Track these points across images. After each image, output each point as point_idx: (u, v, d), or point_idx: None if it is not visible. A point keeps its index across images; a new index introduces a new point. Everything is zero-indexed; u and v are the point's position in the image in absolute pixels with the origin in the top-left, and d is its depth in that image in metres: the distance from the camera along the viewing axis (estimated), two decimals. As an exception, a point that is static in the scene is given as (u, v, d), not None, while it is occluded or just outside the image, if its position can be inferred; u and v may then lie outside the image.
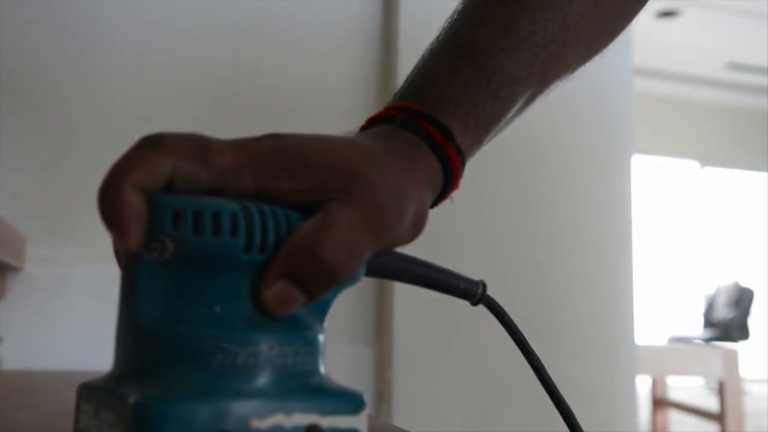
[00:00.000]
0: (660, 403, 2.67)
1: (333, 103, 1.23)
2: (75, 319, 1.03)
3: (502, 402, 1.22)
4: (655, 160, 6.70)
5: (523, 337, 0.39)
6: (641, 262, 1.40)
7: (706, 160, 7.03)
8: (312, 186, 0.31)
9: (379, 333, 1.22)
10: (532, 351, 0.39)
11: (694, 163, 7.04)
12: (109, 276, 1.03)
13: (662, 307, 6.35)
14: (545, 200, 1.30)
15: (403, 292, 1.18)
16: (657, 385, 2.70)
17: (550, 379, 0.40)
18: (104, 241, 1.09)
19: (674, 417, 3.05)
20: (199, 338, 0.28)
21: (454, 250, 1.21)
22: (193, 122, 1.10)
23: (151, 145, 0.29)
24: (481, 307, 0.40)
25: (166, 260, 0.29)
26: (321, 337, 0.31)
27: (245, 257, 0.29)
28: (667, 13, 4.97)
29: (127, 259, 0.30)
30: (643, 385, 3.00)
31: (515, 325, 0.39)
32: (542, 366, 0.40)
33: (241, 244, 0.29)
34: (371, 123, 0.38)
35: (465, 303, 0.39)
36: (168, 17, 1.16)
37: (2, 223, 0.79)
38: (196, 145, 0.30)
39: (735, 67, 6.19)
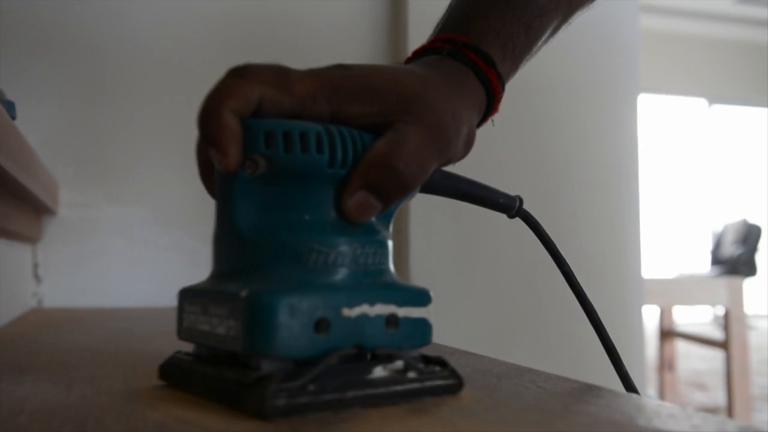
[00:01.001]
0: (667, 333, 2.76)
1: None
2: (107, 260, 1.09)
3: (515, 326, 1.29)
4: (663, 99, 6.66)
5: (555, 246, 0.44)
6: (650, 201, 1.44)
7: (714, 98, 6.98)
8: (379, 109, 0.35)
9: (398, 270, 1.28)
10: (563, 258, 0.45)
11: (702, 101, 6.99)
12: (138, 218, 1.11)
13: (671, 245, 6.39)
14: (554, 137, 1.34)
15: (419, 225, 1.23)
16: (665, 316, 2.78)
17: (578, 283, 0.45)
18: (131, 185, 1.16)
19: (681, 348, 3.13)
20: (295, 242, 0.32)
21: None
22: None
23: (241, 74, 0.33)
24: (502, 246, 0.45)
25: (259, 176, 0.33)
26: (390, 242, 0.36)
27: (329, 171, 0.34)
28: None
29: (224, 176, 0.34)
30: (651, 316, 3.08)
31: (548, 236, 0.44)
32: (572, 271, 0.45)
33: (325, 160, 0.33)
34: (418, 54, 0.43)
35: (484, 237, 0.45)
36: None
37: (40, 166, 0.84)
38: (279, 74, 0.34)
39: (745, 0, 6.10)
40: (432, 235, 1.23)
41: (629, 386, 0.44)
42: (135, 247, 1.11)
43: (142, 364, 0.45)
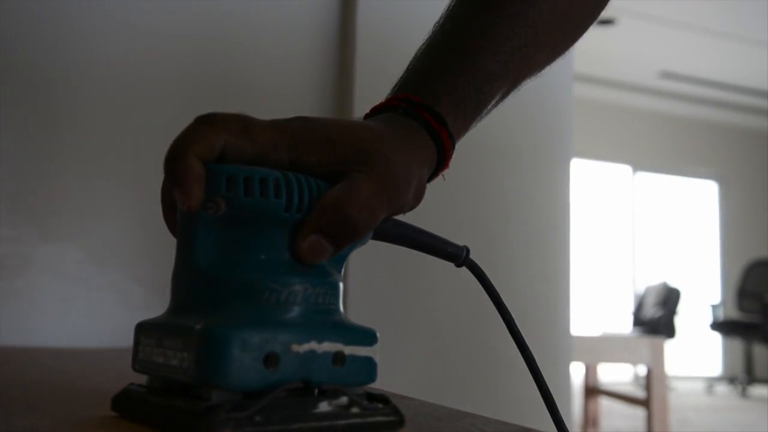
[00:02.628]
0: (592, 391, 2.82)
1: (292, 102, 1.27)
2: (37, 298, 1.04)
3: (453, 373, 1.30)
4: (590, 164, 6.92)
5: (498, 295, 0.47)
6: (576, 261, 1.49)
7: (638, 165, 7.28)
8: (336, 159, 0.38)
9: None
10: (505, 307, 0.47)
11: (627, 168, 7.28)
12: (70, 256, 1.08)
13: (595, 305, 6.56)
14: (491, 198, 1.37)
15: (359, 270, 1.24)
16: (589, 373, 2.85)
17: (519, 332, 0.48)
18: (65, 222, 1.13)
19: (604, 405, 3.20)
20: (250, 279, 0.34)
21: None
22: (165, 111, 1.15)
23: (208, 121, 0.36)
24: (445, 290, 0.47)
25: (219, 217, 0.35)
26: (341, 284, 0.38)
27: (285, 215, 0.36)
28: (605, 22, 5.14)
29: (186, 216, 0.36)
30: (576, 374, 3.14)
31: (493, 286, 0.47)
32: (513, 321, 0.48)
33: (282, 204, 0.35)
34: (376, 111, 0.46)
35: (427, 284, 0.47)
36: (146, 19, 1.19)
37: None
38: (243, 123, 0.36)
39: (667, 75, 6.44)
40: (372, 281, 1.24)
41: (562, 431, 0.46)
42: (66, 286, 1.08)
43: (80, 399, 0.45)
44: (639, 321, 6.02)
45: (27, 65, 1.11)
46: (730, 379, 6.57)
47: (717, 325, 6.31)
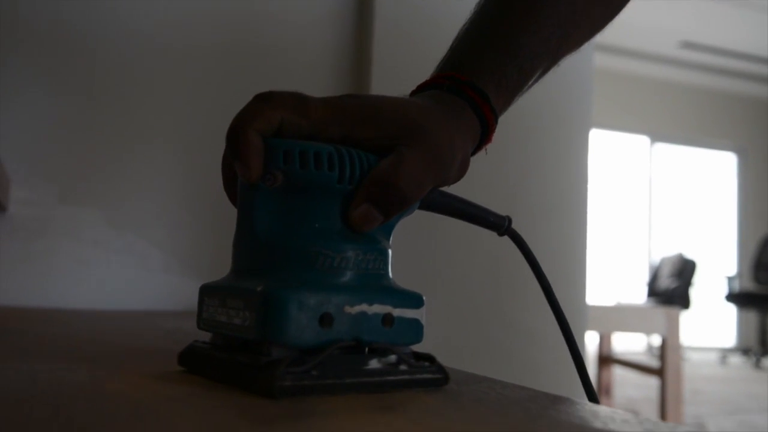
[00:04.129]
0: (606, 360, 2.83)
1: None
2: (55, 260, 1.06)
3: (477, 341, 1.31)
4: (608, 134, 6.86)
5: (539, 265, 0.49)
6: (592, 231, 1.49)
7: (656, 136, 7.21)
8: (385, 134, 0.40)
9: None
10: (544, 275, 0.50)
11: (645, 139, 7.22)
12: (89, 219, 1.09)
13: (610, 275, 6.55)
14: (510, 168, 1.38)
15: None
16: (603, 343, 2.85)
17: (556, 299, 0.50)
18: (85, 185, 1.14)
19: (618, 374, 3.21)
20: (305, 246, 0.37)
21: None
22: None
23: (266, 100, 0.38)
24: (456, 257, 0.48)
25: (277, 188, 0.38)
26: (390, 251, 0.41)
27: (338, 186, 0.38)
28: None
29: (246, 187, 0.39)
30: (591, 343, 3.15)
31: (533, 254, 0.49)
32: (551, 288, 0.50)
33: (335, 176, 0.38)
34: (421, 88, 0.48)
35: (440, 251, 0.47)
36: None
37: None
38: (298, 101, 0.39)
39: (688, 45, 6.35)
40: (408, 246, 1.25)
41: (593, 399, 0.48)
42: (85, 248, 1.09)
43: (139, 356, 0.48)
44: (654, 292, 6.02)
45: (49, 28, 1.11)
46: (744, 350, 6.57)
47: (732, 297, 6.30)
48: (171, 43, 1.18)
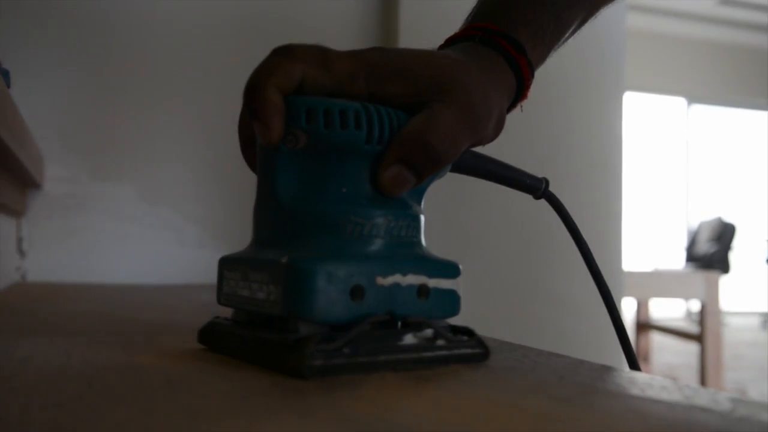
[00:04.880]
0: (643, 326, 2.80)
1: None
2: (91, 237, 1.08)
3: (513, 309, 1.31)
4: (643, 97, 6.72)
5: (577, 228, 0.46)
6: (629, 196, 1.47)
7: (694, 98, 7.05)
8: (415, 90, 0.37)
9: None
10: (583, 240, 0.46)
11: (681, 101, 7.06)
12: (124, 195, 1.10)
13: (648, 240, 6.47)
14: (540, 130, 1.36)
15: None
16: (641, 309, 2.83)
17: (596, 264, 0.47)
18: (118, 162, 1.15)
19: (656, 342, 3.18)
20: (333, 213, 0.34)
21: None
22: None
23: (285, 53, 0.35)
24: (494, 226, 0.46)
25: (300, 150, 0.35)
26: (422, 216, 0.38)
27: (366, 147, 0.35)
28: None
29: (267, 150, 0.35)
30: (628, 309, 3.13)
31: (571, 217, 0.46)
32: (591, 253, 0.47)
33: (363, 136, 0.35)
34: (451, 41, 0.44)
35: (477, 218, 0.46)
36: None
37: (29, 137, 0.83)
38: (320, 54, 0.35)
39: (726, 1, 6.16)
40: (435, 212, 1.24)
41: (634, 366, 0.46)
42: (120, 224, 1.11)
43: (163, 332, 0.46)
44: (692, 257, 5.92)
45: (77, 6, 1.11)
46: (785, 314, 6.46)
47: (773, 261, 6.17)
48: (198, 19, 1.17)
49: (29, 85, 1.07)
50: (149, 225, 1.12)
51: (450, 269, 0.37)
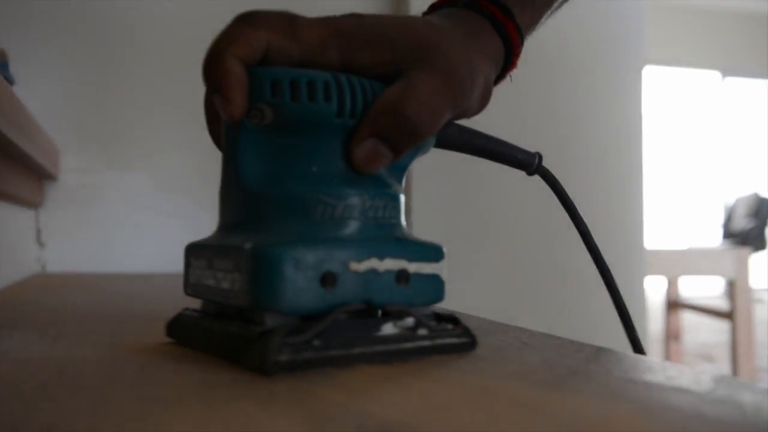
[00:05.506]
0: (674, 305, 2.76)
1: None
2: (109, 226, 1.09)
3: (519, 295, 1.29)
4: (676, 71, 6.58)
5: (574, 205, 0.43)
6: (665, 174, 1.44)
7: (728, 70, 6.88)
8: (392, 58, 0.34)
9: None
10: (580, 217, 0.43)
11: (716, 74, 6.90)
12: (139, 185, 1.11)
13: (684, 217, 6.37)
14: (556, 106, 1.33)
15: (421, 194, 1.23)
16: (671, 288, 2.78)
17: (595, 243, 0.44)
18: (133, 151, 1.16)
19: (691, 320, 3.14)
20: (301, 193, 0.31)
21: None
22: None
23: (247, 20, 0.32)
24: (502, 209, 0.44)
25: (265, 126, 0.32)
26: (402, 196, 0.35)
27: (337, 121, 0.32)
28: None
29: (230, 126, 0.33)
30: (658, 287, 3.08)
31: (567, 194, 0.43)
32: (589, 231, 0.43)
33: (333, 109, 0.32)
34: (434, 8, 0.41)
35: (483, 204, 0.44)
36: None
37: (40, 131, 0.84)
38: (287, 21, 0.33)
39: (761, -29, 5.99)
40: (435, 193, 1.23)
41: (638, 349, 0.43)
42: (136, 213, 1.12)
43: (143, 324, 0.45)
44: (729, 233, 5.82)
45: (103, 7, 1.12)
46: (823, 291, 6.31)
47: (812, 236, 6.03)
48: (209, 10, 1.16)
49: (42, 79, 1.08)
50: (165, 213, 1.12)
51: (432, 252, 0.34)
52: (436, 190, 1.24)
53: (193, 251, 0.35)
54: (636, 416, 0.23)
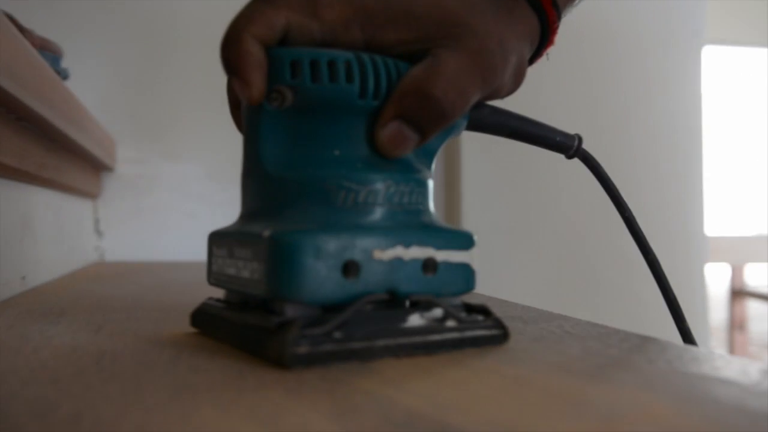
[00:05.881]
0: (738, 293, 2.67)
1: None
2: (164, 215, 1.12)
3: (571, 283, 1.27)
4: (738, 51, 6.34)
5: (617, 190, 0.41)
6: (729, 158, 1.39)
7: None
8: (418, 35, 0.32)
9: (449, 223, 1.28)
10: (624, 203, 0.41)
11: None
12: (192, 174, 1.12)
13: (749, 203, 6.16)
14: (609, 86, 1.29)
15: (470, 180, 1.22)
16: (735, 276, 2.69)
17: (640, 230, 0.41)
18: (186, 142, 1.18)
19: (753, 309, 3.03)
20: (322, 179, 0.30)
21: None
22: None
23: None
24: (550, 196, 0.42)
25: (286, 109, 0.31)
26: (431, 181, 0.33)
27: (360, 102, 0.31)
28: None
29: (250, 110, 0.32)
30: (721, 276, 2.98)
31: (609, 178, 0.41)
32: (633, 218, 0.41)
33: (356, 90, 0.31)
34: None
35: (533, 190, 0.43)
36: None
37: (93, 122, 0.86)
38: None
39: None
40: (484, 179, 1.22)
41: (688, 339, 0.41)
42: (190, 203, 1.14)
43: (182, 311, 0.45)
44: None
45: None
46: None
47: None
48: None
49: (98, 73, 1.10)
50: (218, 202, 1.14)
51: (462, 239, 0.32)
52: (485, 175, 1.23)
53: (215, 239, 0.34)
54: (673, 409, 0.22)
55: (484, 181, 1.22)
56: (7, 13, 0.63)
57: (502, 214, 1.24)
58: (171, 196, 1.13)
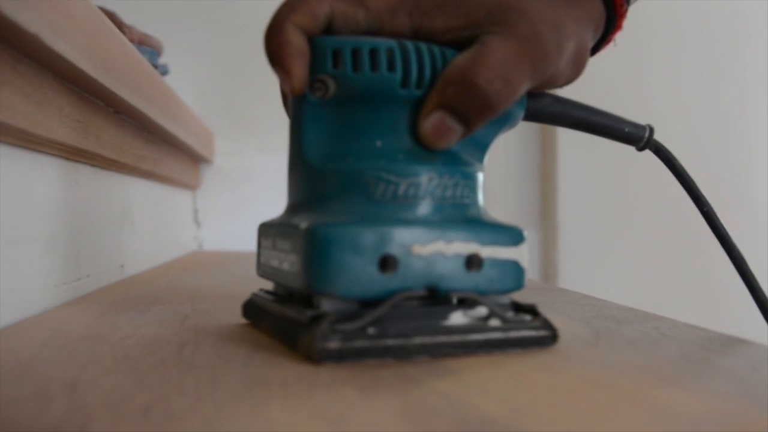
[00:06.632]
0: None
1: None
2: (259, 207, 1.14)
3: (668, 281, 1.21)
4: None
5: (693, 183, 0.38)
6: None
7: None
8: (466, 22, 0.31)
9: (544, 216, 1.25)
10: (703, 197, 0.38)
11: None
12: (285, 166, 1.14)
13: None
14: (684, 72, 1.23)
15: (566, 172, 1.19)
16: None
17: (722, 225, 0.39)
18: (280, 134, 1.19)
19: None
20: (362, 171, 0.29)
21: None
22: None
23: None
24: (648, 191, 0.40)
25: (329, 100, 0.30)
26: (480, 174, 0.32)
27: (402, 92, 0.30)
28: None
29: (294, 100, 0.31)
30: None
31: (685, 171, 0.38)
32: (713, 212, 0.38)
33: (398, 79, 0.30)
34: None
35: (631, 184, 0.40)
36: None
37: (194, 118, 0.89)
38: None
39: None
40: (580, 173, 1.18)
41: None
42: (283, 194, 1.15)
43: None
44: None
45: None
46: None
47: None
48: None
49: (197, 68, 1.14)
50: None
51: (510, 235, 0.30)
52: (581, 169, 1.19)
53: (263, 231, 0.34)
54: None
55: (579, 174, 1.19)
56: (107, 9, 0.66)
57: (598, 208, 1.20)
58: (264, 188, 1.15)
